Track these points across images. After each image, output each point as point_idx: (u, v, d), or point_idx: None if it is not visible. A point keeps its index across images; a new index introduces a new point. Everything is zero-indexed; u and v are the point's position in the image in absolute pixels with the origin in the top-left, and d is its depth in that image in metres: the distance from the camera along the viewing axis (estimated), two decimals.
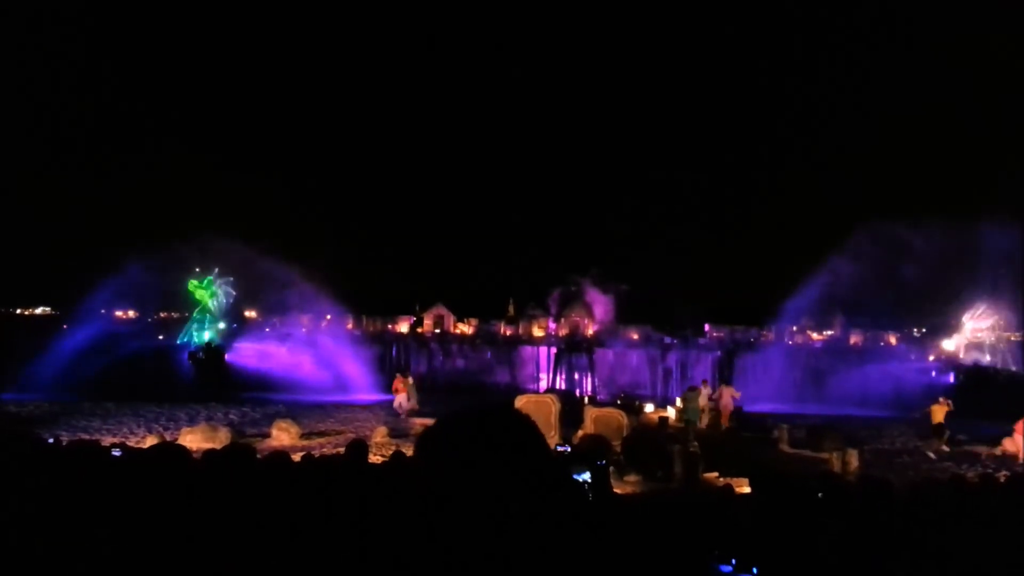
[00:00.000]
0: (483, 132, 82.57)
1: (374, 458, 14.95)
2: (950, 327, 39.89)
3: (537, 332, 44.08)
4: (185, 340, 39.45)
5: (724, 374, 34.62)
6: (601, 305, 45.48)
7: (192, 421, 21.42)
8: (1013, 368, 36.33)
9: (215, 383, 29.58)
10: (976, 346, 38.70)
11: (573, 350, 38.47)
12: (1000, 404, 28.02)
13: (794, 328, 42.58)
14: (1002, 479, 9.51)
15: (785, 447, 19.18)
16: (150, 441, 16.53)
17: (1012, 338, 42.44)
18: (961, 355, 38.00)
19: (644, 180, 65.20)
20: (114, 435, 18.54)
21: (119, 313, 45.29)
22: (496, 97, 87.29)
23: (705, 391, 24.14)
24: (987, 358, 37.42)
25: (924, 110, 68.90)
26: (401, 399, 25.29)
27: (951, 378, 33.87)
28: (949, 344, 38.98)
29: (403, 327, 44.45)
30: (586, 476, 7.92)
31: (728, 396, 24.05)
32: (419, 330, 43.94)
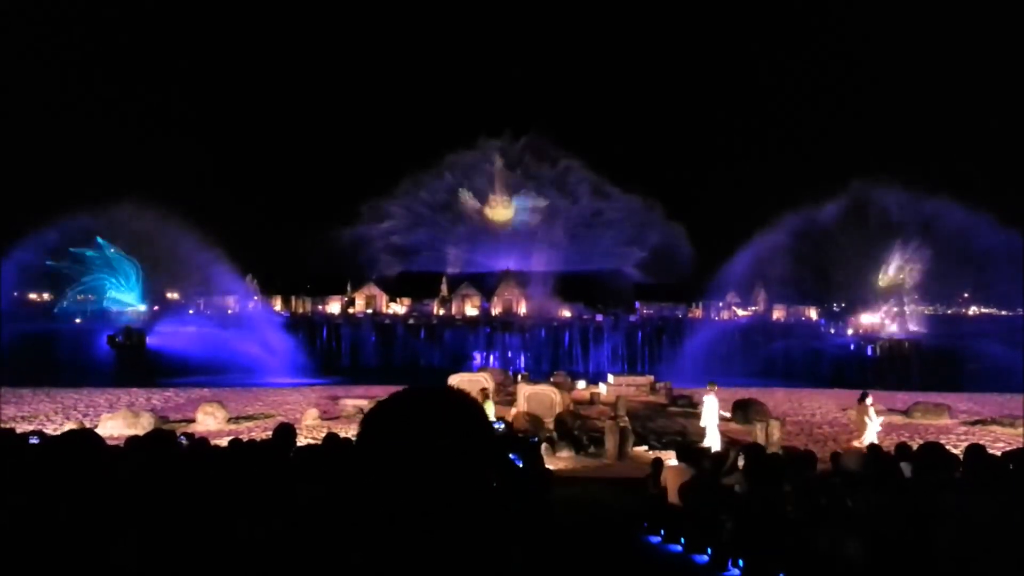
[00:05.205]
0: (414, 107, 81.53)
1: (305, 441, 14.73)
2: (868, 302, 41.42)
3: (470, 311, 44.06)
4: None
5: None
6: (534, 285, 45.79)
7: (112, 407, 20.74)
8: (922, 337, 37.95)
9: (136, 367, 28.66)
10: (892, 320, 40.28)
11: (506, 329, 38.58)
12: (914, 375, 29.61)
13: (720, 304, 43.69)
14: (915, 448, 9.93)
15: None
16: (69, 428, 15.92)
17: (925, 312, 44.46)
18: (880, 329, 39.49)
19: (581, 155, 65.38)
20: (30, 423, 17.76)
21: (33, 296, 43.32)
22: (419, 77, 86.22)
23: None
24: (902, 330, 38.99)
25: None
26: None
27: (869, 351, 35.29)
28: (868, 318, 40.45)
29: (334, 307, 43.80)
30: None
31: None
32: (351, 310, 43.36)
